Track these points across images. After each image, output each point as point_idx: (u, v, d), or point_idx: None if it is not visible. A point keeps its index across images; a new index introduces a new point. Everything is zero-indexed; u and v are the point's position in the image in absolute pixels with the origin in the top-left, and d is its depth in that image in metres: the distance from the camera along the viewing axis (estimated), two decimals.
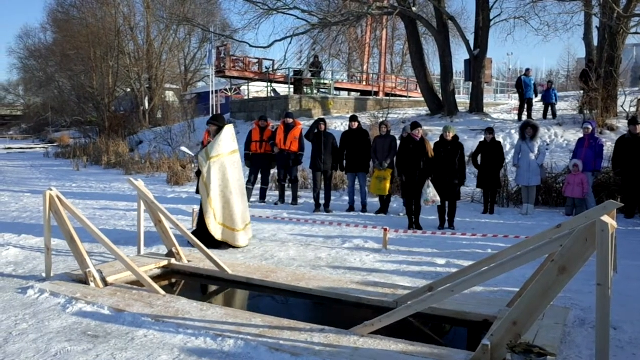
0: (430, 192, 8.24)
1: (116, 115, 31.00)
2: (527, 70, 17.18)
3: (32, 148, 37.51)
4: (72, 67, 34.02)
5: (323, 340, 3.94)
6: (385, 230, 7.19)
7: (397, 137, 10.30)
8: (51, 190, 5.60)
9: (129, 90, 34.19)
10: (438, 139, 8.85)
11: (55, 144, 35.86)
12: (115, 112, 32.13)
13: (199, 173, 7.17)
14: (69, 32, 33.71)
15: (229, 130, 7.20)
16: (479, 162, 10.06)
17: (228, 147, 7.14)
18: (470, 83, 18.86)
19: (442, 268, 6.25)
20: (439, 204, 8.40)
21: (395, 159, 9.60)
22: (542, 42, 45.75)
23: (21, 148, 37.98)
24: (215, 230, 6.95)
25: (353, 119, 10.33)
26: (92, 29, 30.99)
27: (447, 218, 8.65)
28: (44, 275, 5.69)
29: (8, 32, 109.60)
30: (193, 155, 7.41)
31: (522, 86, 16.27)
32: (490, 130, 10.13)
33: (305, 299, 5.25)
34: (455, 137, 8.68)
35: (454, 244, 7.48)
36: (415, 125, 8.60)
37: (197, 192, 7.28)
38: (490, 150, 9.88)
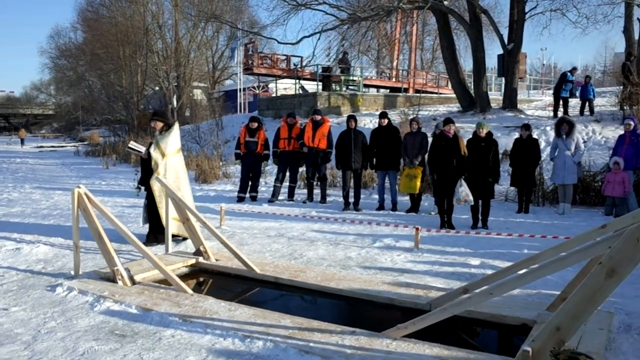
0: (463, 191, 8.01)
1: (145, 114, 31.31)
2: (574, 69, 16.62)
3: (63, 146, 38.32)
4: (101, 66, 34.53)
5: (354, 343, 3.80)
6: (417, 229, 6.99)
7: (428, 134, 10.07)
8: (79, 187, 5.57)
9: (157, 88, 34.53)
10: (471, 136, 8.60)
11: (85, 143, 36.52)
12: (144, 111, 32.46)
13: (145, 169, 7.15)
14: (99, 31, 34.19)
15: (178, 128, 7.32)
16: (514, 160, 9.76)
17: (178, 144, 7.26)
18: (503, 79, 18.43)
19: (477, 269, 6.04)
20: (472, 203, 8.16)
21: (426, 156, 9.40)
22: (580, 35, 44.61)
23: (52, 146, 38.84)
24: (170, 224, 6.80)
25: (383, 115, 10.13)
26: (121, 27, 31.35)
27: (480, 217, 8.40)
28: (72, 273, 5.68)
29: (40, 32, 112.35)
30: (143, 152, 7.21)
31: (564, 83, 15.63)
32: (526, 127, 9.82)
33: (335, 299, 5.11)
34: (489, 134, 8.41)
35: (487, 243, 7.25)
36: (448, 121, 8.36)
37: (139, 185, 7.23)
38: (526, 148, 9.58)
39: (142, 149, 7.26)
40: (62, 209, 10.19)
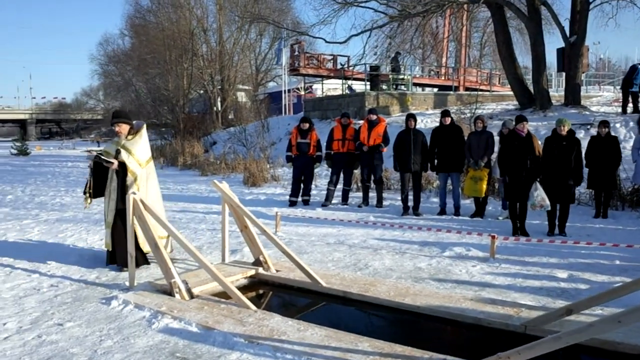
0: (539, 196, 7.31)
1: (190, 117, 31.40)
2: None
3: None
4: (148, 71, 34.83)
5: None
6: (493, 237, 6.37)
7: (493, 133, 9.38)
8: (134, 194, 5.24)
9: (202, 91, 34.63)
10: (550, 134, 7.85)
11: None
12: (189, 114, 32.59)
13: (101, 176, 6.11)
14: (146, 36, 34.54)
15: (146, 131, 6.40)
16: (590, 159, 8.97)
17: (149, 150, 6.44)
18: (561, 74, 17.43)
19: (566, 283, 5.40)
20: (549, 208, 7.43)
21: (492, 157, 8.76)
22: None
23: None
24: (144, 242, 5.87)
25: (445, 114, 9.49)
26: (167, 32, 31.54)
27: (557, 223, 7.70)
28: (127, 284, 5.35)
29: (91, 41, 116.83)
30: (115, 164, 5.90)
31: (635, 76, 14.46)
32: (605, 124, 8.97)
33: (413, 317, 4.57)
34: (571, 132, 7.63)
35: (570, 253, 6.56)
36: (521, 119, 7.66)
37: (88, 193, 6.16)
38: (605, 146, 8.76)
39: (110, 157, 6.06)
40: None
